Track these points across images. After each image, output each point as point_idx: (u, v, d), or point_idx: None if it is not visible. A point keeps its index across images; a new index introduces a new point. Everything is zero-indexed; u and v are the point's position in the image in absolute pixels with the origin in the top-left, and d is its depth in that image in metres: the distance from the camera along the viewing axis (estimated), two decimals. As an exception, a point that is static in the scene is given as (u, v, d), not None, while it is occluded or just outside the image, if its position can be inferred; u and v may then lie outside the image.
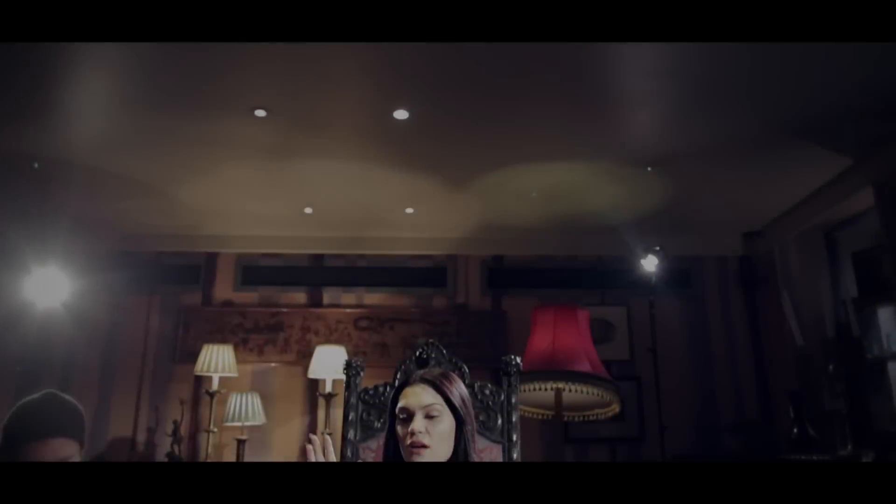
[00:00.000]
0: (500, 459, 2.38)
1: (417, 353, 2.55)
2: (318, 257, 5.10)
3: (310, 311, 4.95)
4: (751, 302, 5.00)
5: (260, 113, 3.31)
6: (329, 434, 4.32)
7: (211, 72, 2.94)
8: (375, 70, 2.94)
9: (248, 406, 4.46)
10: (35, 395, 2.17)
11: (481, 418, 2.47)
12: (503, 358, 2.55)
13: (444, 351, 2.55)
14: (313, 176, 4.03)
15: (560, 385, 3.61)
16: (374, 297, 5.02)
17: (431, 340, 2.59)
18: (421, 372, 2.03)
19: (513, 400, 2.46)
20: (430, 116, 3.35)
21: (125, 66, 2.91)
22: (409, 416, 1.90)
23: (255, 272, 5.07)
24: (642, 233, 4.78)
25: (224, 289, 5.05)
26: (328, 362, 4.45)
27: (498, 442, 2.42)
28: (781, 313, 4.64)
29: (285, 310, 4.96)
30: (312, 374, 4.50)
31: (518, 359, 2.53)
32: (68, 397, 2.19)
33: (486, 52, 2.78)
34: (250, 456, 4.53)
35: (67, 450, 2.09)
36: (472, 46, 2.73)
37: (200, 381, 4.80)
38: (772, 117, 3.34)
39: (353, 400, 2.53)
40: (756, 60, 2.84)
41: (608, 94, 3.13)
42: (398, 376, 2.57)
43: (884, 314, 3.96)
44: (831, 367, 3.42)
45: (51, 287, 4.36)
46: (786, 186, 4.21)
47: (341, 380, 4.47)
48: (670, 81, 3.02)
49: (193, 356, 4.77)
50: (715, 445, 4.67)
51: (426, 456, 1.85)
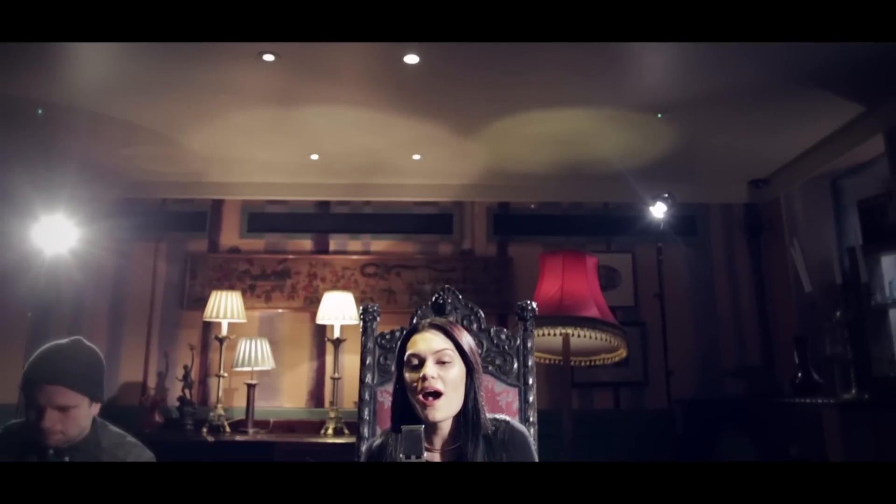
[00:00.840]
0: (517, 402, 2.42)
1: (434, 299, 2.57)
2: (325, 204, 5.10)
3: (316, 258, 4.97)
4: (755, 249, 5.03)
5: (268, 57, 3.28)
6: (338, 378, 4.39)
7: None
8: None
9: (258, 351, 4.51)
10: (63, 340, 2.20)
11: (497, 362, 2.50)
12: (519, 303, 2.58)
13: (460, 296, 2.58)
14: (320, 122, 4.01)
15: (569, 330, 3.65)
16: (381, 244, 5.04)
17: (447, 286, 2.61)
18: (429, 319, 2.03)
19: (528, 344, 2.50)
20: (441, 61, 3.32)
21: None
22: (421, 363, 1.89)
23: (261, 219, 5.08)
24: (649, 180, 4.78)
25: (230, 236, 5.06)
26: (336, 308, 4.48)
27: (514, 385, 2.46)
28: (785, 260, 4.67)
29: (292, 256, 4.98)
30: (321, 320, 4.54)
31: (534, 304, 2.56)
32: (93, 348, 2.22)
33: (501, -4, 2.75)
34: (260, 400, 4.60)
35: (68, 399, 2.10)
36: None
37: (209, 327, 4.85)
38: (784, 65, 3.32)
39: (370, 345, 2.56)
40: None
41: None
42: (414, 321, 2.59)
43: (887, 262, 4.00)
44: (838, 314, 3.46)
45: (58, 234, 4.36)
46: (794, 134, 4.20)
47: (349, 325, 4.57)
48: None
49: (201, 302, 4.81)
50: (717, 390, 4.74)
51: (441, 408, 1.86)
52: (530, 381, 2.47)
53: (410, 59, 3.30)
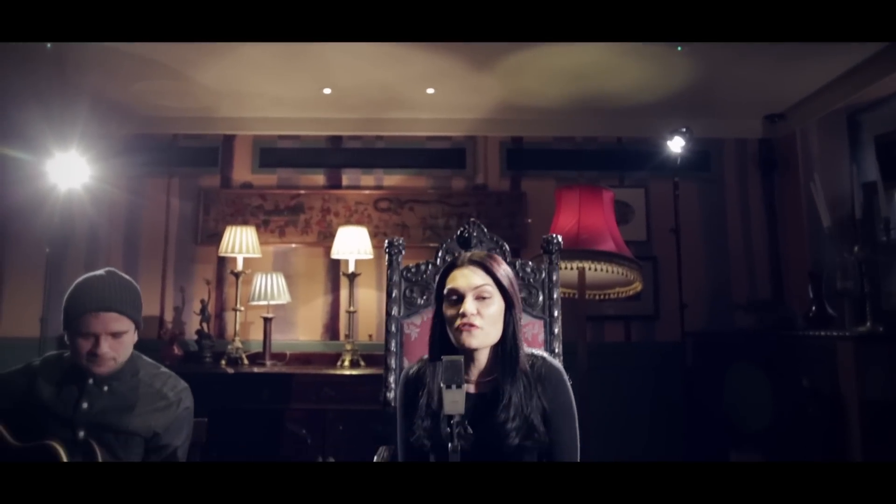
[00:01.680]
0: (542, 334, 2.46)
1: (459, 232, 2.60)
2: (337, 139, 5.07)
3: (329, 193, 4.97)
4: (768, 185, 5.02)
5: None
6: (354, 312, 4.44)
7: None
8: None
9: (273, 286, 4.55)
10: (97, 272, 2.23)
11: (523, 295, 2.53)
12: (544, 237, 2.60)
13: (486, 230, 2.60)
14: (333, 55, 3.96)
15: (586, 264, 3.68)
16: (394, 179, 5.03)
17: (473, 219, 2.63)
18: (469, 254, 2.05)
19: (553, 277, 2.53)
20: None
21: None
22: (460, 298, 1.93)
23: (273, 154, 5.06)
24: (664, 114, 4.75)
25: (242, 171, 5.05)
26: (350, 243, 4.50)
27: (540, 318, 2.50)
28: (798, 196, 4.67)
29: (304, 191, 4.97)
30: (335, 255, 4.57)
31: (559, 238, 2.58)
32: (127, 277, 2.26)
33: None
34: (276, 333, 4.66)
35: (121, 325, 2.16)
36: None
37: (224, 262, 4.88)
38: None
39: (396, 278, 2.60)
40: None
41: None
42: (439, 255, 2.62)
43: (903, 197, 4.00)
44: (856, 248, 3.48)
45: (71, 170, 4.37)
46: (812, 69, 4.15)
47: (363, 260, 4.59)
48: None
49: (215, 238, 4.83)
50: (728, 323, 4.80)
51: (477, 336, 1.90)
52: (555, 314, 2.51)
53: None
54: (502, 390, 1.90)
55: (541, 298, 2.52)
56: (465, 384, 1.95)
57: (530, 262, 2.55)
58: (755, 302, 4.63)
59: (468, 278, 1.94)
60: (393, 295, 2.57)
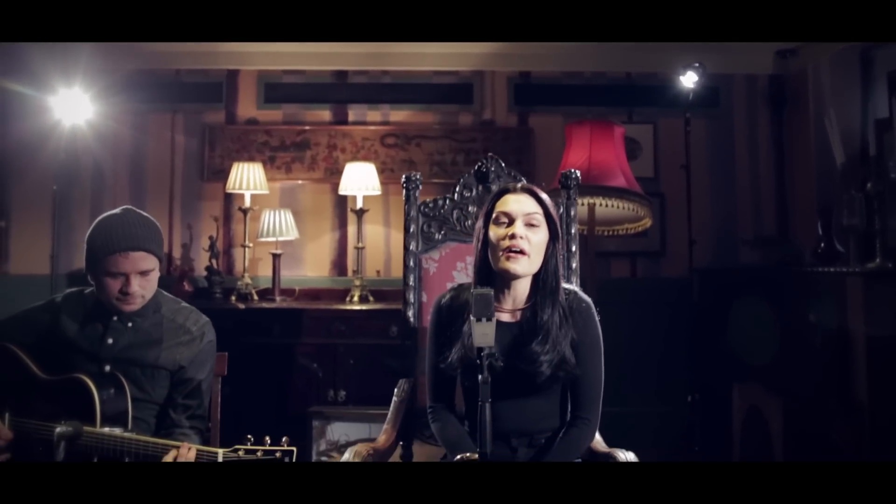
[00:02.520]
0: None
1: (477, 167, 2.60)
2: (342, 74, 5.00)
3: (335, 129, 4.93)
4: (777, 121, 4.98)
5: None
6: (362, 248, 4.45)
7: None
8: None
9: (281, 222, 4.55)
10: (115, 210, 2.24)
11: (541, 230, 2.54)
12: (563, 172, 2.60)
13: (503, 164, 2.60)
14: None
15: (597, 200, 3.69)
16: (400, 115, 4.99)
17: (491, 154, 2.63)
18: (521, 182, 2.12)
19: (572, 213, 2.54)
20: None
21: None
22: (510, 222, 1.97)
23: (278, 89, 4.99)
24: (674, 48, 4.68)
25: (247, 107, 4.99)
26: (358, 179, 4.50)
27: (557, 253, 2.51)
28: (808, 133, 4.65)
29: (310, 127, 4.94)
30: (343, 191, 4.57)
31: (578, 173, 2.58)
32: (146, 214, 2.26)
33: None
34: (284, 270, 4.68)
35: (149, 263, 2.18)
36: None
37: (230, 199, 4.87)
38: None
39: (413, 213, 2.60)
40: None
41: None
42: (457, 190, 2.63)
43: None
44: (869, 185, 3.49)
45: (75, 107, 4.34)
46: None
47: (371, 196, 4.59)
48: None
49: (221, 174, 4.81)
50: (733, 259, 4.84)
51: (522, 263, 1.94)
52: (573, 249, 2.53)
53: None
54: (540, 321, 1.96)
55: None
56: (502, 313, 1.99)
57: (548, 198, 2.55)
58: (762, 238, 4.66)
59: (521, 203, 1.99)
60: (411, 230, 2.58)
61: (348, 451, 1.89)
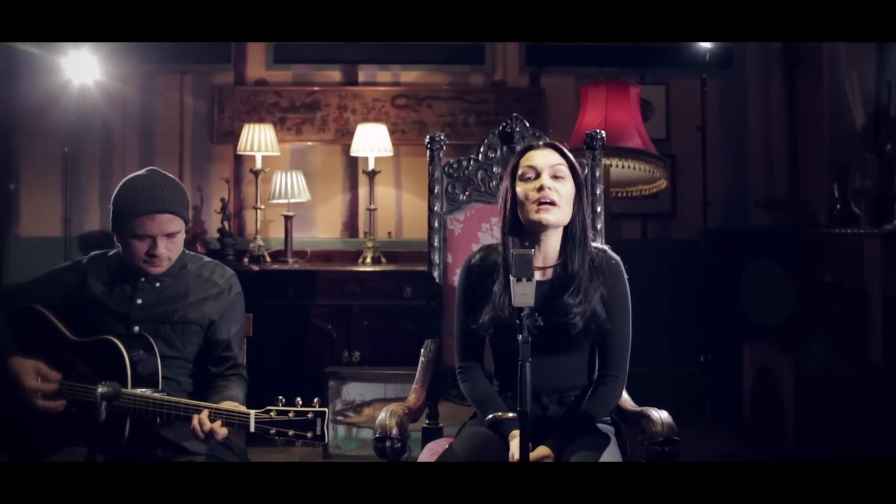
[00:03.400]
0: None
1: (501, 127, 2.59)
2: (352, 33, 4.94)
3: (346, 90, 4.89)
4: (790, 83, 4.95)
5: None
6: (374, 210, 4.45)
7: None
8: None
9: (293, 183, 4.53)
10: (140, 172, 2.23)
11: (566, 191, 2.54)
12: (588, 132, 2.59)
13: (528, 125, 2.59)
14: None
15: (613, 161, 3.68)
16: (411, 75, 4.95)
17: (516, 115, 2.61)
18: (543, 139, 2.17)
19: (597, 173, 2.54)
20: None
21: None
22: (537, 175, 2.00)
23: (288, 50, 4.94)
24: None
25: (256, 67, 4.95)
26: (370, 140, 4.47)
27: (582, 213, 2.52)
28: (821, 95, 4.62)
29: (320, 88, 4.89)
30: (355, 153, 4.55)
31: (603, 133, 2.58)
32: (170, 175, 2.25)
33: None
34: (296, 232, 4.67)
35: (176, 225, 2.18)
36: None
37: (240, 161, 4.85)
38: None
39: (437, 174, 2.59)
40: None
41: None
42: (481, 150, 2.62)
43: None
44: (889, 146, 3.48)
45: (84, 67, 4.31)
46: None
47: (383, 157, 4.57)
48: None
49: (230, 136, 4.78)
50: (744, 221, 4.84)
51: (554, 213, 1.96)
52: (598, 210, 2.54)
53: None
54: (571, 273, 1.98)
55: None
56: (536, 271, 2.00)
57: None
58: (774, 200, 4.66)
59: (545, 157, 2.02)
60: (435, 191, 2.57)
61: (384, 411, 1.90)
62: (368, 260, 4.45)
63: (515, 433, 1.90)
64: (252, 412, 1.89)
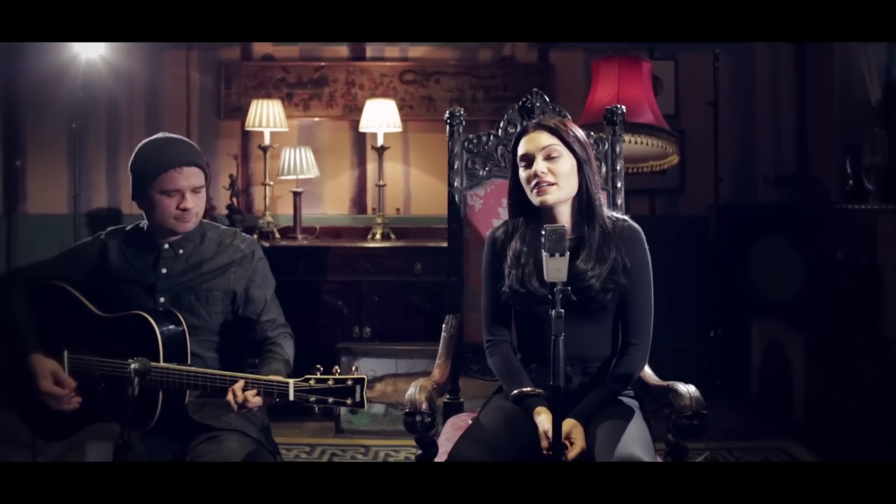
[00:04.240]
0: (606, 204, 2.47)
1: (521, 102, 2.58)
2: (360, 8, 4.91)
3: (353, 65, 4.86)
4: (800, 57, 4.92)
5: None
6: (383, 185, 4.44)
7: None
8: None
9: (302, 160, 4.52)
10: (155, 136, 2.21)
11: (587, 164, 2.53)
12: (608, 107, 2.59)
13: (547, 99, 2.58)
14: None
15: (626, 136, 3.66)
16: (419, 51, 4.92)
17: (536, 90, 2.60)
18: (536, 120, 2.12)
19: (617, 149, 2.54)
20: None
21: None
22: (531, 161, 2.04)
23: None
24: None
25: (263, 43, 4.90)
26: (379, 116, 4.45)
27: (603, 189, 2.52)
28: (831, 71, 4.59)
29: (327, 64, 4.86)
30: (364, 128, 4.53)
31: (623, 108, 2.57)
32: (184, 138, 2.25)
33: None
34: (305, 208, 4.66)
35: (200, 179, 2.18)
36: None
37: (248, 137, 4.83)
38: None
39: (457, 149, 2.59)
40: None
41: None
42: (500, 125, 2.62)
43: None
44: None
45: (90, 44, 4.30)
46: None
47: (392, 133, 4.55)
48: None
49: (238, 112, 4.76)
50: (752, 196, 4.85)
51: (552, 193, 1.99)
52: (619, 185, 2.55)
53: None
54: (582, 238, 2.00)
55: (604, 170, 2.54)
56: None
57: (592, 132, 2.53)
58: (783, 176, 4.66)
59: (535, 141, 2.05)
60: (455, 167, 2.57)
61: (413, 386, 1.91)
62: (378, 236, 4.45)
63: (540, 409, 1.92)
64: (291, 381, 1.90)
